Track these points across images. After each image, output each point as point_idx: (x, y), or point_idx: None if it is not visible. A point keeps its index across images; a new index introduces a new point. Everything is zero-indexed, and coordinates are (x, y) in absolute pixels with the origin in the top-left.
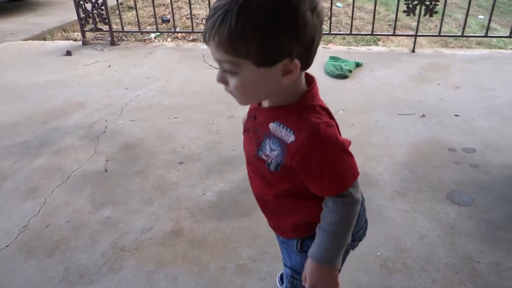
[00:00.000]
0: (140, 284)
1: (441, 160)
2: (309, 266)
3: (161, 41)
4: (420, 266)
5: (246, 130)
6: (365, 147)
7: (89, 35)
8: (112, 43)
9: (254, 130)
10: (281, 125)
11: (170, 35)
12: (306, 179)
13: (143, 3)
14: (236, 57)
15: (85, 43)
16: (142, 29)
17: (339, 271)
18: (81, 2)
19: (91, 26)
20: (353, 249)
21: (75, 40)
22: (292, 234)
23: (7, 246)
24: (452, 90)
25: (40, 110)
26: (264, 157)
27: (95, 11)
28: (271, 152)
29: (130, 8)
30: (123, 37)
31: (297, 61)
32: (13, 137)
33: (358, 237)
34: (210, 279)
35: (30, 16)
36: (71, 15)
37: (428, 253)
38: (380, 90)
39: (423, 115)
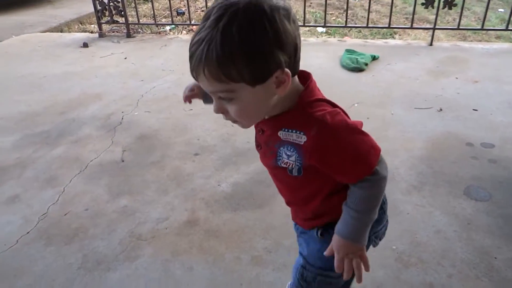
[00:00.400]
0: (156, 272)
1: (459, 154)
2: (335, 241)
3: (176, 33)
4: (436, 261)
5: (258, 146)
6: (381, 141)
7: (105, 27)
8: (128, 36)
9: (266, 143)
10: (290, 130)
11: (185, 28)
12: (332, 172)
13: None
14: (230, 82)
15: (101, 35)
16: (158, 21)
17: (367, 248)
18: None
19: (107, 18)
20: (374, 246)
21: (92, 32)
22: (315, 223)
23: (28, 232)
24: (470, 84)
25: (58, 100)
26: (283, 165)
27: (111, 4)
28: (289, 158)
29: (145, 0)
30: (139, 30)
31: (287, 70)
32: (32, 127)
33: (380, 234)
34: (225, 269)
35: (47, 8)
36: (88, 8)
37: (444, 248)
38: (396, 84)
39: (441, 109)
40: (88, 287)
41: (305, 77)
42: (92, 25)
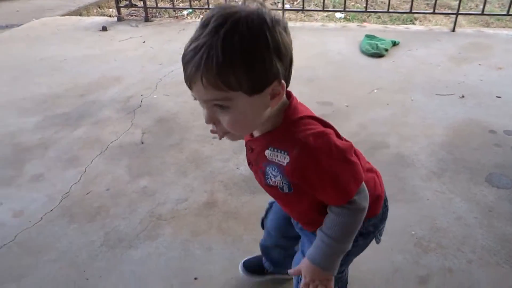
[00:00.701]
0: (176, 251)
1: (481, 142)
2: (304, 265)
3: (193, 18)
4: (456, 247)
5: (250, 164)
6: (401, 126)
7: (124, 11)
8: (146, 19)
9: (256, 162)
10: (275, 149)
11: (203, 12)
12: (313, 191)
13: None
14: (228, 91)
15: (120, 19)
16: (175, 6)
17: (343, 272)
18: None
19: (126, 2)
20: (378, 242)
21: (110, 16)
22: (315, 227)
23: (51, 210)
24: (494, 70)
25: (78, 83)
26: (272, 183)
27: None
28: (275, 178)
29: None
30: (157, 14)
31: (283, 82)
32: (53, 108)
33: (382, 231)
34: (243, 250)
35: None
36: None
37: (464, 234)
38: (417, 70)
39: (463, 96)
40: (110, 263)
41: (286, 94)
42: (111, 9)
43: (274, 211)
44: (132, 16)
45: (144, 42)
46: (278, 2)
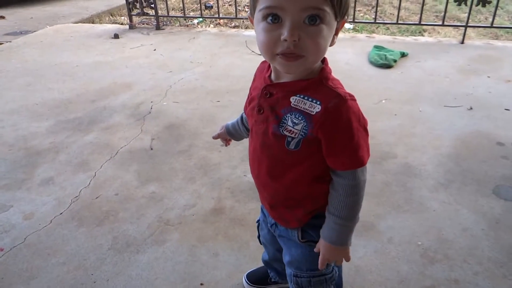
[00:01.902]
0: (183, 256)
1: (488, 154)
2: (323, 246)
3: (204, 26)
4: (462, 258)
5: (260, 110)
6: (409, 137)
7: (135, 19)
8: (157, 28)
9: (271, 107)
10: (305, 97)
11: (213, 21)
12: (328, 149)
13: None
14: (329, 4)
15: (131, 27)
16: (186, 14)
17: (333, 270)
18: None
19: (138, 10)
20: None
21: (122, 24)
22: (295, 224)
23: (61, 214)
24: (503, 83)
25: (90, 89)
26: (286, 132)
27: None
28: (294, 126)
29: None
30: (168, 22)
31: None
32: (66, 113)
33: None
34: (249, 256)
35: (79, 0)
36: (117, 0)
37: (471, 245)
38: (425, 81)
39: (471, 108)
40: (118, 267)
41: None
42: (122, 17)
43: (262, 228)
44: (143, 24)
45: (155, 50)
46: None
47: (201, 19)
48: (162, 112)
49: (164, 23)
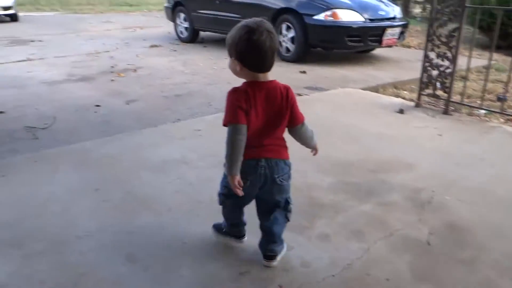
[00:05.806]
0: None
1: None
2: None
3: (493, 120)
4: None
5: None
6: None
7: (423, 98)
8: (445, 112)
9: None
10: None
11: (504, 116)
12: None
13: (477, 75)
14: None
15: (417, 105)
16: (480, 105)
17: None
18: (428, 68)
19: (429, 91)
20: None
21: (404, 98)
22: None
23: (333, 276)
24: None
25: (371, 158)
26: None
27: (439, 79)
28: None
29: (462, 78)
30: (456, 109)
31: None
32: (347, 175)
33: None
34: None
35: (368, 68)
36: (403, 75)
37: None
38: None
39: None
40: None
41: None
42: (405, 92)
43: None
44: (429, 104)
45: (440, 135)
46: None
47: (487, 111)
48: (443, 206)
49: (453, 108)
